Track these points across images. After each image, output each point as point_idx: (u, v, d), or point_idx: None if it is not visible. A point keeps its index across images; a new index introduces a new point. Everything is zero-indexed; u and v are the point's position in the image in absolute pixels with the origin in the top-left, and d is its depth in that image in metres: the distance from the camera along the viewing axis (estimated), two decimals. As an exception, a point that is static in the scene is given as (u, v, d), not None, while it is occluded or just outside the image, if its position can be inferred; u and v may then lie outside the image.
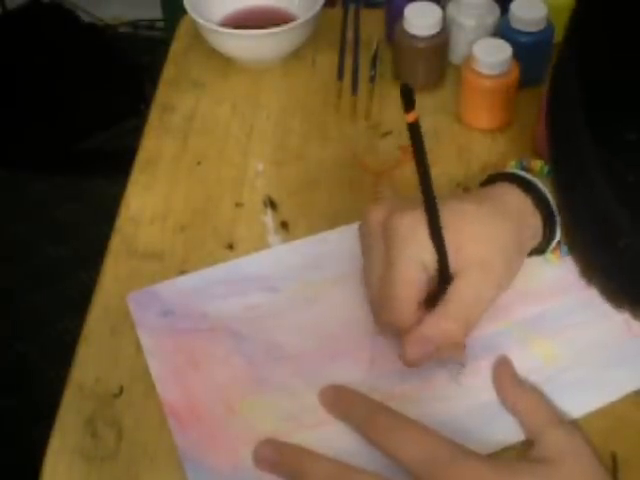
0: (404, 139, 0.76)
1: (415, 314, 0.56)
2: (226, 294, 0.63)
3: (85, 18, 2.04)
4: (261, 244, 0.68)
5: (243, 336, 0.61)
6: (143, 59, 1.90)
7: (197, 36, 0.85)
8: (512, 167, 0.63)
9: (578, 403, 0.57)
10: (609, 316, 0.60)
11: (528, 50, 0.76)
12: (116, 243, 0.68)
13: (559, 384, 0.58)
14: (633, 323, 0.60)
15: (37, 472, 0.55)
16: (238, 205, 0.71)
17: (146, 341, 0.61)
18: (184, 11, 0.83)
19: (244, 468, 0.54)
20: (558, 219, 0.60)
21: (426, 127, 0.77)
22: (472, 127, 0.76)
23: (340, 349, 0.60)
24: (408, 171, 0.73)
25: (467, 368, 0.59)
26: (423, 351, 0.56)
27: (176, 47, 0.88)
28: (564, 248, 0.62)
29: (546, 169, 0.62)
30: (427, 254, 0.56)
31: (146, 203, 0.71)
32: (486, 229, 0.57)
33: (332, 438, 0.55)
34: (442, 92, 0.81)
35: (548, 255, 0.63)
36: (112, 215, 0.70)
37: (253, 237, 0.69)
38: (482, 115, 0.76)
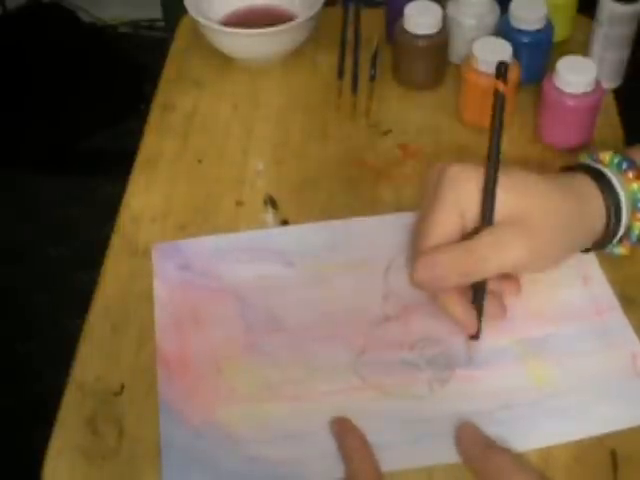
0: (404, 137, 0.76)
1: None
2: (244, 260, 0.65)
3: (85, 18, 2.04)
4: (261, 243, 0.68)
5: (248, 302, 0.63)
6: (143, 59, 1.89)
7: (197, 35, 0.85)
8: (583, 159, 0.63)
9: (553, 432, 0.55)
10: (617, 349, 0.59)
11: (528, 49, 0.76)
12: (116, 242, 0.68)
13: (542, 409, 0.56)
14: None
15: (38, 472, 0.55)
16: (239, 204, 0.71)
17: (159, 291, 0.63)
18: (184, 11, 0.83)
19: (212, 426, 0.56)
20: (624, 210, 0.59)
21: (426, 126, 0.78)
22: (472, 126, 0.76)
23: (335, 332, 0.61)
24: (408, 169, 0.73)
25: (456, 374, 0.58)
26: (430, 274, 0.56)
27: (176, 47, 0.88)
28: (633, 235, 0.60)
29: (615, 160, 0.60)
30: (467, 204, 0.56)
31: (146, 202, 0.71)
32: (541, 197, 0.57)
33: (304, 415, 0.56)
34: (442, 91, 0.81)
35: (617, 248, 0.61)
36: (112, 215, 0.70)
37: (253, 236, 0.68)
38: (482, 114, 0.76)
